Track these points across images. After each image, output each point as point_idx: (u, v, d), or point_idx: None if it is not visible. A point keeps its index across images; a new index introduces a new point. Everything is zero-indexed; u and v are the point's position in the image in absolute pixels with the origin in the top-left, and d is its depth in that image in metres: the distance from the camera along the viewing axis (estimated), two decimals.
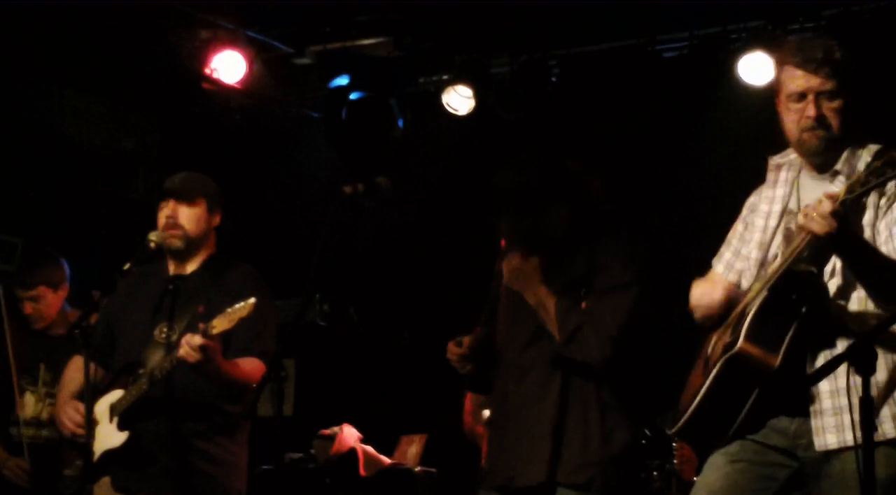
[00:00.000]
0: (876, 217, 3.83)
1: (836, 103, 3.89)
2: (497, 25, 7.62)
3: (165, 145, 8.87)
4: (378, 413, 8.03)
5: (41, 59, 7.71)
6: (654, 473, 6.73)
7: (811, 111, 3.90)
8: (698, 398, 3.88)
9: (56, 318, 6.18)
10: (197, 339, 4.54)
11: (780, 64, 4.03)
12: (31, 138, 8.01)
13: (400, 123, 8.08)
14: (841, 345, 3.78)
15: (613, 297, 4.27)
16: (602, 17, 7.37)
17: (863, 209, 3.82)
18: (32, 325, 6.16)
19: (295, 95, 8.50)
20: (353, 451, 7.38)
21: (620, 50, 7.60)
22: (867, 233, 3.81)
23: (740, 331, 3.80)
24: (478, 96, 7.78)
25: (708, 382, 3.86)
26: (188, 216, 4.98)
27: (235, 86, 7.91)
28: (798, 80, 3.93)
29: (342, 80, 8.02)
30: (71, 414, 4.89)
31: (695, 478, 6.36)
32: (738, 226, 4.21)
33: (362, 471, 7.32)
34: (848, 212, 3.66)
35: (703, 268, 4.30)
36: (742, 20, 7.22)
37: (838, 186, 3.84)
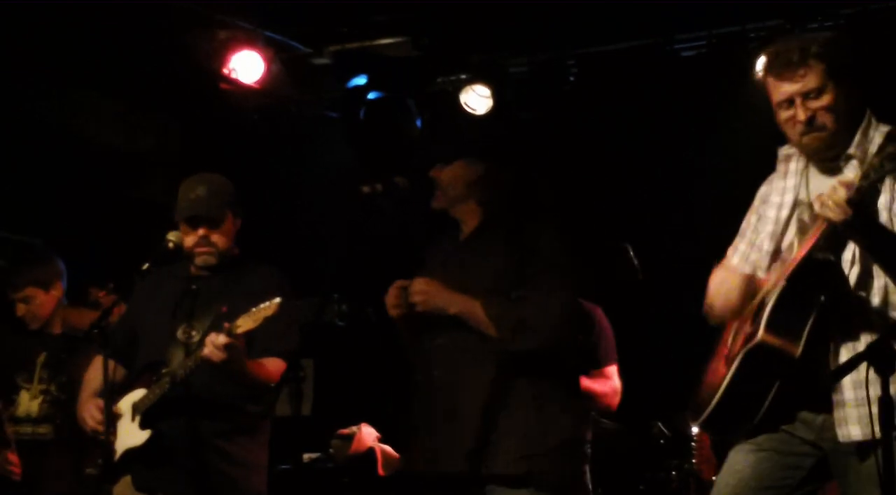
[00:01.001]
0: (892, 199, 3.80)
1: (824, 100, 3.87)
2: (514, 25, 7.61)
3: (183, 146, 8.89)
4: (396, 413, 8.03)
5: (58, 60, 7.73)
6: (673, 473, 6.73)
7: (800, 115, 3.89)
8: (721, 389, 3.85)
9: (51, 317, 6.15)
10: (222, 338, 4.54)
11: (765, 75, 4.01)
12: (48, 139, 8.04)
13: (418, 123, 8.08)
14: (863, 335, 3.75)
15: (551, 283, 4.29)
16: (620, 16, 7.36)
17: (878, 193, 3.78)
18: (28, 326, 6.14)
19: (312, 95, 8.50)
20: (371, 451, 7.38)
21: (638, 49, 7.59)
22: (884, 217, 3.78)
23: (760, 322, 3.77)
24: (495, 96, 7.77)
25: (730, 373, 3.83)
26: (220, 237, 4.98)
27: (253, 86, 7.91)
28: (781, 87, 3.92)
29: (360, 80, 8.03)
30: (93, 412, 4.89)
31: (713, 478, 6.37)
32: (752, 218, 4.19)
33: (380, 471, 7.32)
34: (864, 198, 3.64)
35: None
36: (760, 19, 7.20)
37: (851, 171, 3.83)
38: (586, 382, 5.71)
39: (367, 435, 7.47)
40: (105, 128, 8.53)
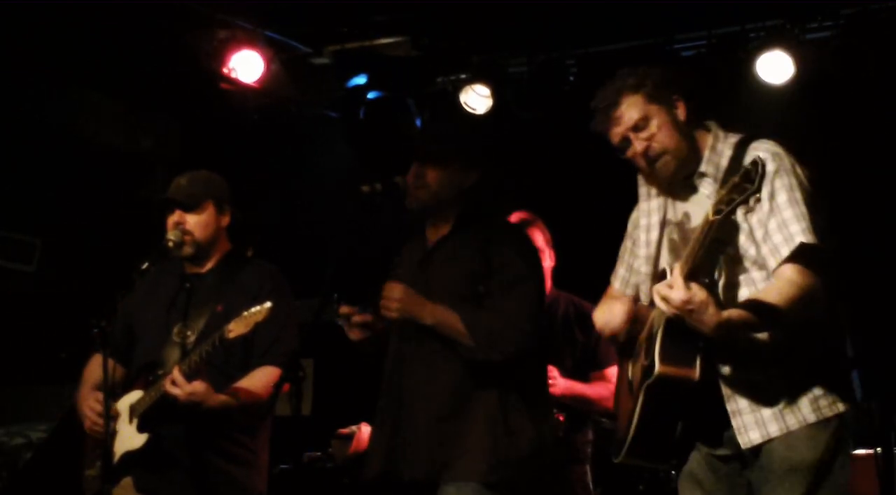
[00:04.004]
0: (751, 228, 3.82)
1: (652, 127, 3.92)
2: (514, 25, 7.61)
3: (183, 145, 8.89)
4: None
5: (59, 59, 7.74)
6: (673, 473, 6.71)
7: (638, 148, 3.94)
8: (633, 426, 3.90)
9: None
10: (179, 392, 4.59)
11: (598, 129, 4.05)
12: (49, 139, 8.04)
13: (417, 123, 8.08)
14: (745, 350, 3.78)
15: (516, 292, 4.33)
16: (620, 16, 7.35)
17: (736, 228, 3.82)
18: None
19: (312, 95, 8.50)
20: None
21: (638, 49, 7.58)
22: (751, 252, 3.80)
23: (654, 355, 3.80)
24: (495, 96, 7.77)
25: (637, 410, 3.87)
26: (195, 223, 4.96)
27: (253, 85, 7.91)
28: (611, 132, 3.99)
29: (360, 80, 8.03)
30: (93, 405, 4.88)
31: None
32: (627, 243, 4.26)
33: None
34: (711, 285, 3.69)
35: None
36: (760, 19, 7.20)
37: (707, 188, 3.89)
38: (580, 388, 5.71)
39: (367, 434, 7.46)
40: (105, 128, 8.54)
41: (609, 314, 4.10)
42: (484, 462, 4.22)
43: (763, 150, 3.83)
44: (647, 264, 4.09)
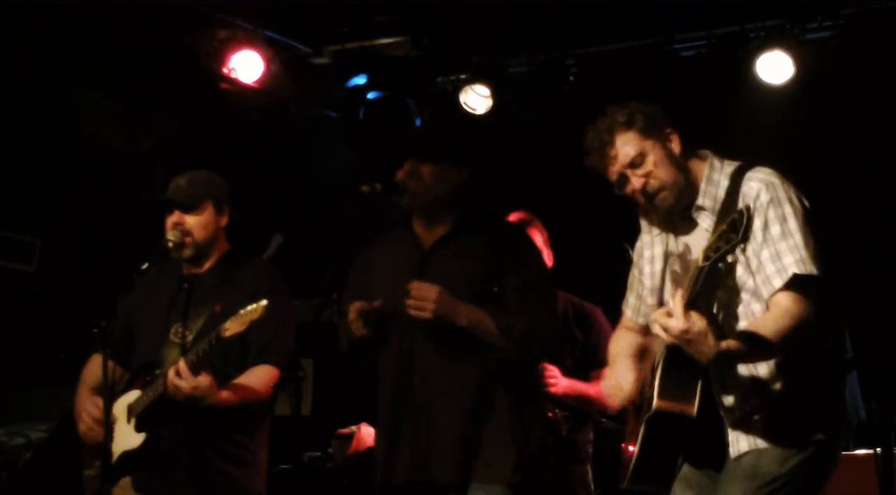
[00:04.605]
0: (747, 262, 3.82)
1: (648, 163, 3.92)
2: (515, 25, 7.61)
3: (183, 145, 8.89)
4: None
5: (59, 59, 7.74)
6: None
7: (636, 185, 3.94)
8: (635, 456, 3.96)
9: None
10: (183, 384, 4.56)
11: (594, 167, 4.06)
12: (49, 139, 8.04)
13: (417, 123, 8.09)
14: (743, 377, 3.82)
15: (540, 292, 4.35)
16: (620, 16, 7.36)
17: (732, 266, 3.83)
18: None
19: (312, 95, 8.50)
20: (370, 451, 7.37)
21: (638, 49, 7.59)
22: (749, 284, 3.81)
23: (654, 390, 3.83)
24: (495, 96, 7.77)
25: (639, 441, 3.93)
26: (195, 224, 4.94)
27: (253, 85, 7.91)
28: (609, 170, 3.99)
29: (360, 80, 8.03)
30: (90, 409, 4.87)
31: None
32: (634, 271, 4.28)
33: None
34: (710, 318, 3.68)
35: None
36: (760, 19, 7.20)
37: (705, 222, 3.90)
38: (581, 387, 5.71)
39: (367, 434, 7.46)
40: (105, 128, 8.54)
41: (617, 387, 4.13)
42: (508, 463, 4.24)
43: (756, 180, 3.84)
44: (651, 296, 4.13)
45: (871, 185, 7.22)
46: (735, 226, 3.56)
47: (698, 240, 3.90)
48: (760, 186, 3.80)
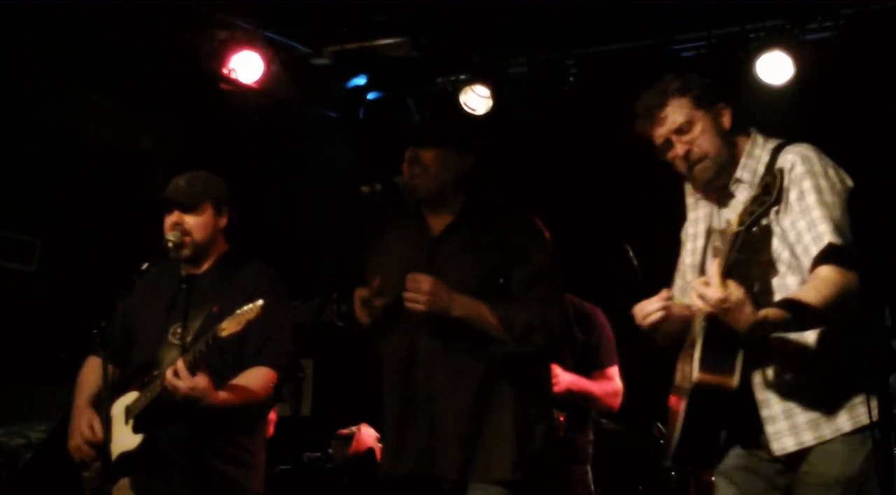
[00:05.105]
0: (783, 232, 3.84)
1: (695, 131, 3.96)
2: (514, 25, 7.61)
3: (183, 145, 8.89)
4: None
5: (59, 60, 7.74)
6: (673, 473, 6.72)
7: (679, 150, 3.98)
8: (677, 430, 3.92)
9: None
10: (180, 384, 4.55)
11: (642, 129, 4.08)
12: (49, 139, 8.04)
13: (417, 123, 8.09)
14: (779, 352, 3.80)
15: (544, 283, 4.32)
16: (620, 16, 7.35)
17: (769, 233, 3.84)
18: None
19: (312, 95, 8.50)
20: (370, 451, 7.38)
21: (638, 50, 7.58)
22: (785, 255, 3.81)
23: (694, 361, 3.81)
24: (495, 96, 7.77)
25: (681, 415, 3.89)
26: (194, 224, 4.94)
27: (253, 86, 7.91)
28: (654, 133, 4.03)
29: (360, 81, 8.03)
30: (84, 430, 4.86)
31: (713, 479, 6.36)
32: (682, 253, 4.28)
33: None
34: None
35: None
36: (760, 19, 7.20)
37: (743, 194, 3.92)
38: (585, 384, 5.72)
39: (367, 435, 7.47)
40: (105, 128, 8.54)
41: (643, 309, 4.07)
42: (508, 461, 4.22)
43: (794, 153, 3.87)
44: (692, 272, 4.13)
45: (870, 185, 7.21)
46: (768, 188, 3.61)
47: (735, 213, 3.87)
48: (796, 158, 3.83)
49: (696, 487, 6.67)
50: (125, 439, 4.80)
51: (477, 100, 7.85)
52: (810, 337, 3.78)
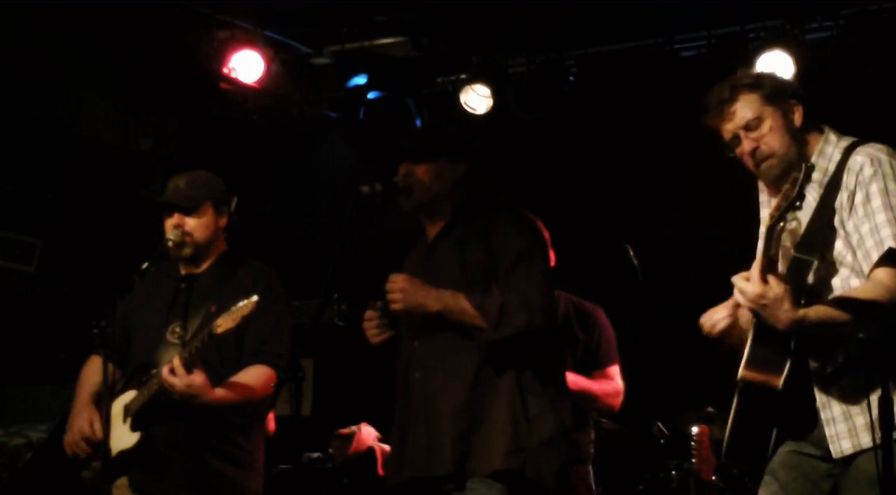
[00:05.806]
0: (843, 218, 3.79)
1: (764, 128, 3.91)
2: (514, 25, 7.62)
3: (183, 146, 8.90)
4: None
5: (59, 60, 7.74)
6: (673, 473, 6.72)
7: (746, 147, 3.94)
8: (729, 426, 3.88)
9: None
10: (177, 381, 4.55)
11: (711, 123, 4.04)
12: (49, 139, 8.04)
13: (418, 123, 8.09)
14: (834, 351, 3.75)
15: (521, 267, 4.27)
16: (620, 16, 7.36)
17: (830, 212, 3.79)
18: None
19: (312, 95, 8.51)
20: (370, 451, 7.39)
21: (638, 49, 7.59)
22: (839, 242, 3.77)
23: (743, 358, 3.78)
24: (495, 96, 7.78)
25: (732, 411, 3.85)
26: (195, 225, 4.95)
27: (253, 86, 7.92)
28: (723, 127, 3.98)
29: (360, 80, 8.03)
30: (83, 426, 4.86)
31: (713, 478, 6.36)
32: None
33: (380, 471, 7.32)
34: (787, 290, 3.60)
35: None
36: (761, 19, 7.21)
37: (812, 193, 3.84)
38: (585, 383, 5.72)
39: (367, 434, 7.47)
40: (105, 128, 8.54)
41: (711, 317, 4.04)
42: (501, 450, 4.18)
43: (863, 154, 3.80)
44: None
45: None
46: (795, 182, 3.59)
47: (806, 212, 3.85)
48: (865, 160, 3.76)
49: (696, 487, 6.67)
50: (123, 438, 4.80)
51: (477, 100, 7.85)
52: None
